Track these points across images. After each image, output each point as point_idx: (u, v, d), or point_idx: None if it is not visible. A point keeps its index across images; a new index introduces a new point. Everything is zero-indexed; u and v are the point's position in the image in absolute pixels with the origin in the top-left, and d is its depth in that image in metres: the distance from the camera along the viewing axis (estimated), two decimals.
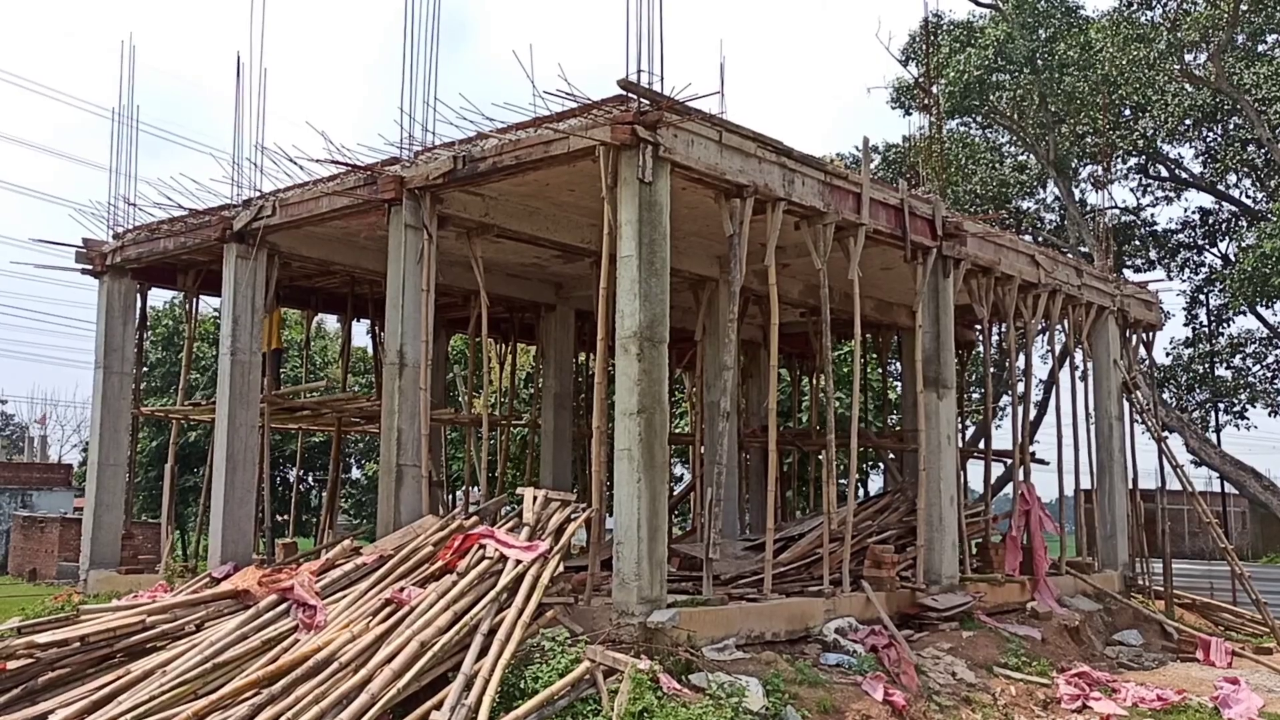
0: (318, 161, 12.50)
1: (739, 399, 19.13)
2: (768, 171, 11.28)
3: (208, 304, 18.36)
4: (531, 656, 8.45)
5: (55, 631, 9.01)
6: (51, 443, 61.52)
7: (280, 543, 14.75)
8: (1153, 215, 33.33)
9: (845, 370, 25.26)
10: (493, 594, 8.80)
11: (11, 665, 8.41)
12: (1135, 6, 27.66)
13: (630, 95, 10.07)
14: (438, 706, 7.55)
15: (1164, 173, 32.52)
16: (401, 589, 9.03)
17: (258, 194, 13.95)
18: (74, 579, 18.48)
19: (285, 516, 28.31)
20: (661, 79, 10.29)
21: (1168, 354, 32.53)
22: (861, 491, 25.87)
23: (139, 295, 16.35)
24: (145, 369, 24.07)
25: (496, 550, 9.37)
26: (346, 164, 12.25)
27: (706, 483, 12.81)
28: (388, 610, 8.74)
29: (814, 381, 22.59)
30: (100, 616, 9.43)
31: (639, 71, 10.18)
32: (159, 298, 35.00)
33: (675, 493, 22.99)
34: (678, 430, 24.73)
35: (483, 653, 8.14)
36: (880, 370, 23.49)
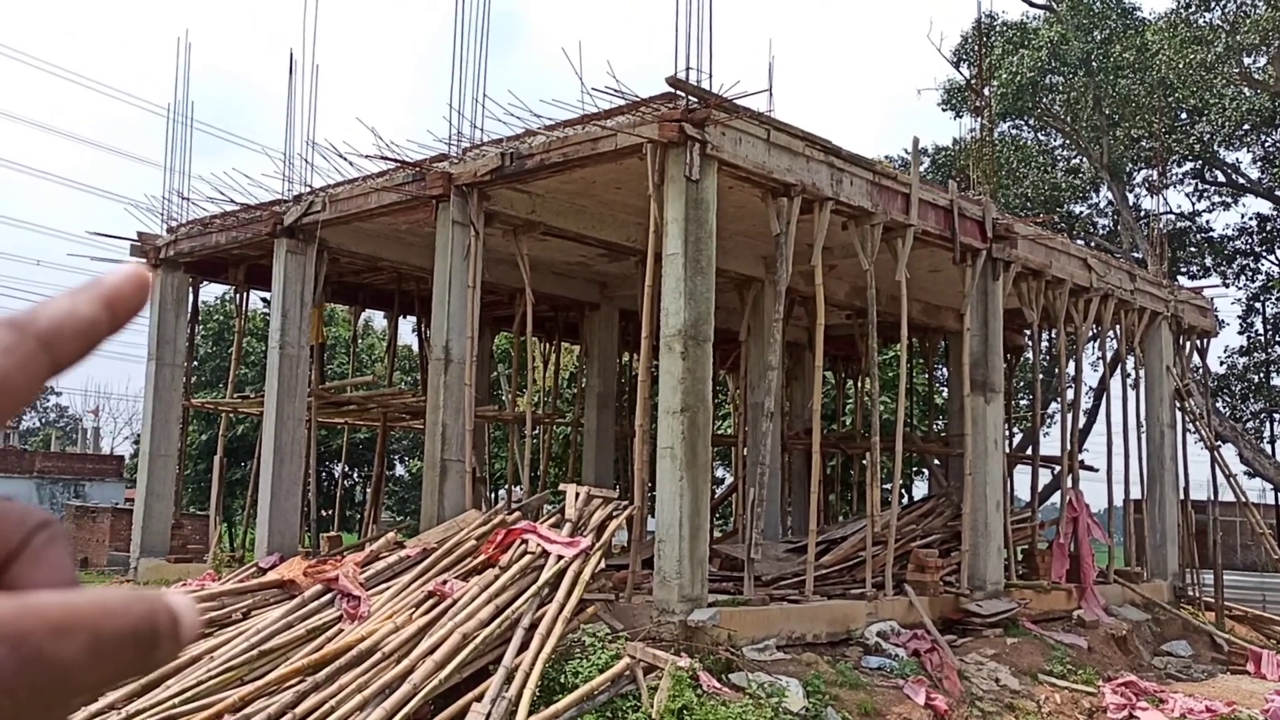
0: (367, 158, 12.63)
1: (783, 401, 19.04)
2: (815, 171, 11.22)
3: (257, 298, 18.62)
4: (572, 651, 8.47)
5: None
6: (104, 435, 62.66)
7: (325, 536, 14.93)
8: (1208, 221, 32.71)
9: (891, 374, 25.06)
10: (534, 589, 8.84)
11: None
12: (1193, 8, 27.17)
13: (678, 93, 10.07)
14: (478, 699, 7.60)
15: (1221, 178, 31.91)
16: (444, 582, 9.09)
17: (308, 190, 14.12)
18: (124, 568, 18.81)
19: (329, 512, 28.62)
20: (710, 77, 10.30)
21: (1222, 362, 31.91)
22: (905, 496, 25.66)
23: (191, 289, 16.61)
24: (195, 363, 24.46)
25: (539, 545, 9.40)
26: (395, 160, 12.36)
27: (749, 483, 12.77)
28: (430, 602, 8.81)
29: (859, 385, 22.43)
30: None
31: (687, 69, 10.19)
32: (209, 293, 35.58)
33: (717, 494, 22.94)
34: (720, 432, 24.67)
35: (524, 646, 8.18)
36: (926, 374, 23.27)
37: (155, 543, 15.88)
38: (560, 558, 9.26)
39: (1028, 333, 18.43)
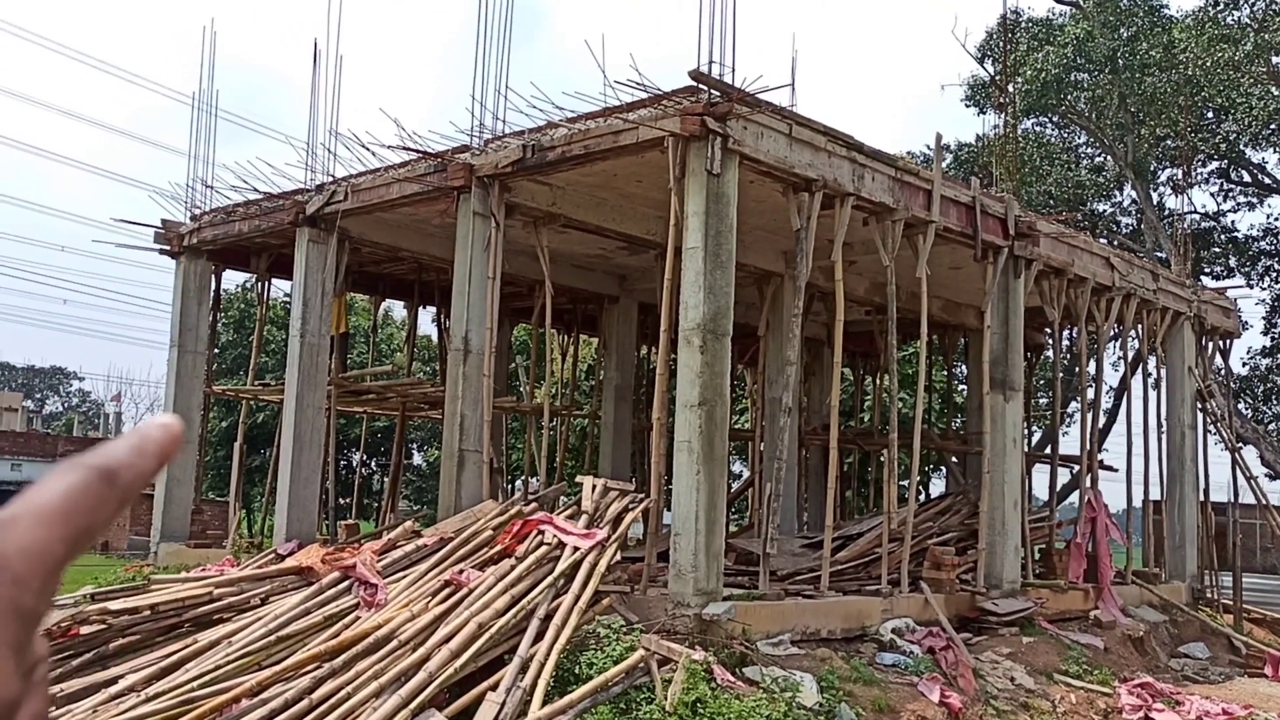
0: (389, 148, 12.69)
1: (801, 396, 19.03)
2: (837, 166, 11.19)
3: (278, 288, 18.74)
4: (587, 643, 8.50)
5: (127, 599, 9.27)
6: (126, 420, 63.15)
7: (343, 523, 15.01)
8: (1233, 221, 32.44)
9: (910, 371, 24.98)
10: (550, 579, 8.87)
11: (85, 630, 8.67)
12: (1221, 6, 26.91)
13: (700, 86, 10.07)
14: (493, 688, 7.64)
15: (1246, 178, 31.64)
16: (461, 571, 9.14)
17: (330, 179, 14.18)
18: (144, 552, 19.00)
19: (347, 500, 28.79)
20: (733, 71, 10.29)
21: (1245, 364, 31.65)
22: (923, 493, 25.59)
23: (213, 276, 16.71)
24: (216, 350, 24.66)
25: (555, 536, 9.44)
26: (417, 151, 12.40)
27: (766, 478, 12.76)
28: (447, 591, 8.85)
29: (877, 381, 22.39)
30: (170, 587, 9.68)
31: (710, 63, 10.18)
32: (230, 281, 35.76)
33: (733, 488, 22.94)
34: (738, 426, 24.65)
35: (539, 637, 8.21)
36: (945, 371, 23.18)
37: (175, 528, 16.01)
38: (576, 549, 9.29)
39: (1048, 331, 18.33)
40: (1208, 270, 31.26)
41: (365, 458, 32.00)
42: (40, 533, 0.52)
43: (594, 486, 10.56)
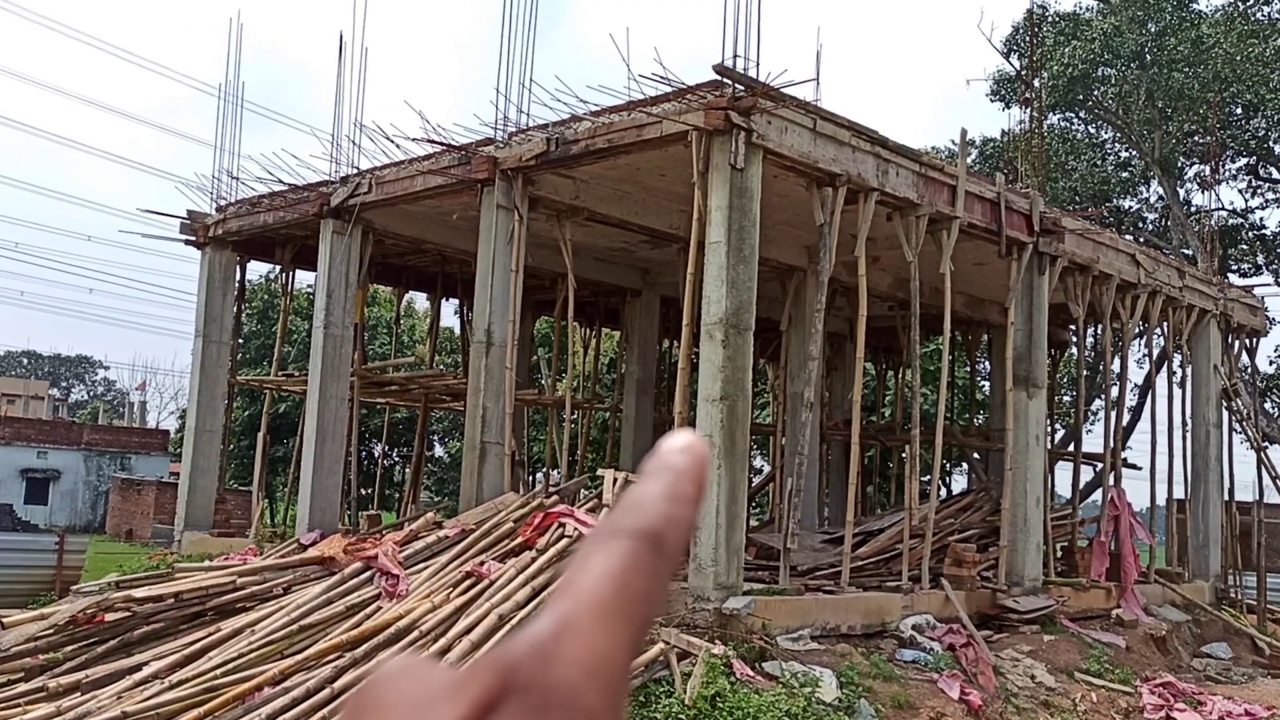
0: (414, 140, 12.72)
1: (823, 391, 18.98)
2: (861, 161, 11.15)
3: (302, 279, 18.84)
4: None
5: (151, 587, 9.35)
6: (150, 409, 63.68)
7: (365, 514, 15.10)
8: (1261, 218, 32.05)
9: (933, 367, 24.87)
10: None
11: (110, 617, 8.76)
12: (1252, 2, 26.64)
13: (725, 80, 10.05)
14: None
15: (1275, 174, 31.29)
16: (482, 563, 9.18)
17: (355, 171, 14.23)
18: (168, 540, 19.15)
19: (369, 490, 28.92)
20: (757, 65, 10.26)
21: (1272, 362, 31.32)
22: (944, 490, 25.49)
23: (238, 267, 16.82)
24: (240, 341, 24.81)
25: (576, 529, 9.46)
26: (442, 143, 12.43)
27: (787, 473, 12.75)
28: (468, 583, 8.90)
29: (900, 377, 22.32)
30: (194, 575, 9.77)
31: (734, 57, 10.16)
32: (255, 271, 35.93)
33: (754, 483, 22.91)
34: (759, 421, 24.62)
35: None
36: (968, 368, 23.07)
37: (199, 516, 16.14)
38: None
39: (1073, 328, 18.23)
40: (1235, 268, 30.95)
41: (387, 449, 32.14)
42: (602, 640, 0.41)
43: (615, 480, 10.59)
